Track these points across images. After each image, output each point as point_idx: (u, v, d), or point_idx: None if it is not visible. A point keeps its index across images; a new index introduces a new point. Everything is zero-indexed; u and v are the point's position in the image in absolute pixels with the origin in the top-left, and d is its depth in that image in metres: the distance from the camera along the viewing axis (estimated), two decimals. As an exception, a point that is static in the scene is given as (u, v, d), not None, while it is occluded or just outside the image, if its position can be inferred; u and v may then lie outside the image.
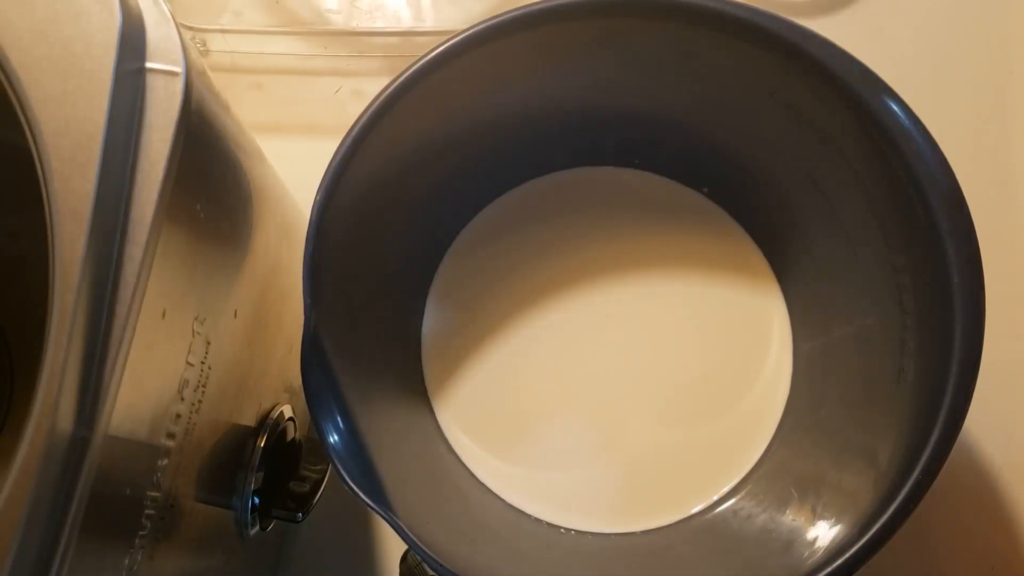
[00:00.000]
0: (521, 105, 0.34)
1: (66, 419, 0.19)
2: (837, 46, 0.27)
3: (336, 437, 0.27)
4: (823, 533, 0.27)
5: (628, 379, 0.36)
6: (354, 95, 0.29)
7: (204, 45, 0.46)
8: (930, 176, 0.26)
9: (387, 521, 0.26)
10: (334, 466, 0.27)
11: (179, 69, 0.22)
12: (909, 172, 0.26)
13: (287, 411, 0.34)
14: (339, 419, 0.28)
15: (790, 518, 0.30)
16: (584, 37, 0.30)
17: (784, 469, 0.34)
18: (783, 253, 0.36)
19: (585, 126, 0.36)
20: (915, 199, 0.26)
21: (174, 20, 0.22)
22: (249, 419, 0.32)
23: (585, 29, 0.30)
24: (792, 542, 0.29)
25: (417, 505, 0.29)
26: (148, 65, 0.22)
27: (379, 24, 0.48)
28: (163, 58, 0.22)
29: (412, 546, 0.26)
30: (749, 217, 0.37)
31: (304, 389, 0.27)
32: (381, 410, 0.32)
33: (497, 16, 0.28)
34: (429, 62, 0.28)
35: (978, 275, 0.25)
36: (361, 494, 0.26)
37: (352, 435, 0.28)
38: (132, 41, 0.21)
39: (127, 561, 0.23)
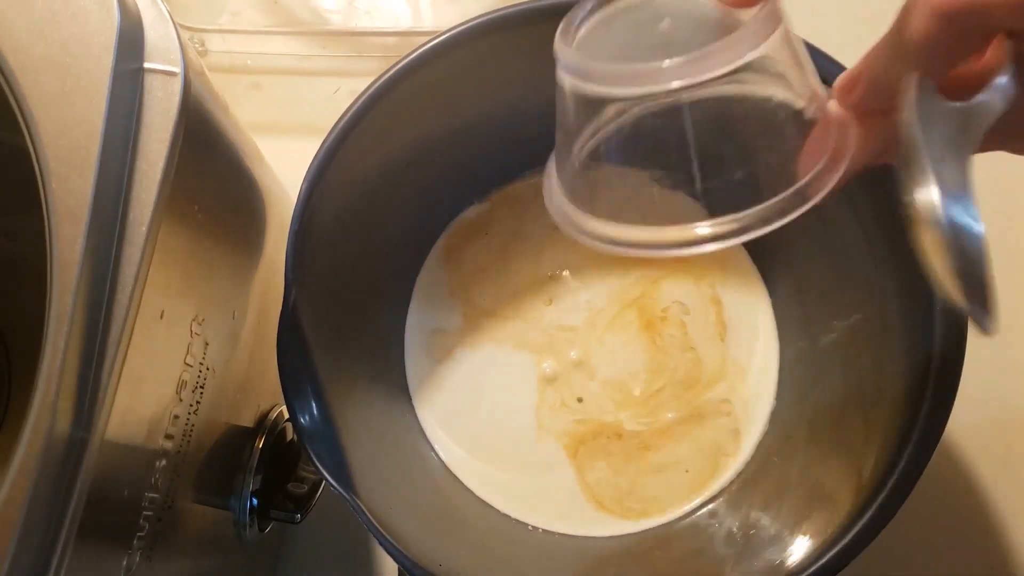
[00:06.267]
0: (516, 102, 0.34)
1: (64, 420, 0.19)
2: (836, 60, 0.27)
3: (307, 417, 0.28)
4: (796, 542, 0.28)
5: (610, 383, 0.36)
6: (353, 95, 0.29)
7: (202, 45, 0.45)
8: None
9: (349, 503, 0.26)
10: (301, 444, 0.27)
11: (177, 69, 0.22)
12: (900, 194, 0.26)
13: (286, 412, 0.34)
14: (311, 400, 0.28)
15: (765, 526, 0.30)
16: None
17: (762, 478, 0.34)
18: (774, 264, 0.36)
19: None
20: (904, 222, 0.26)
21: (172, 20, 0.22)
22: (248, 420, 0.32)
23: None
24: (766, 550, 0.29)
25: (386, 492, 0.29)
26: (146, 65, 0.22)
27: (378, 24, 0.48)
28: (161, 58, 0.22)
29: (371, 530, 0.26)
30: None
31: (278, 366, 0.28)
32: (359, 398, 0.32)
33: (493, 12, 0.29)
34: (421, 55, 0.29)
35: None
36: (326, 474, 0.26)
37: (324, 417, 0.28)
38: (130, 41, 0.21)
39: (125, 562, 0.22)
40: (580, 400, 0.36)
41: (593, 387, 0.36)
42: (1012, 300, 0.41)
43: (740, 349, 0.36)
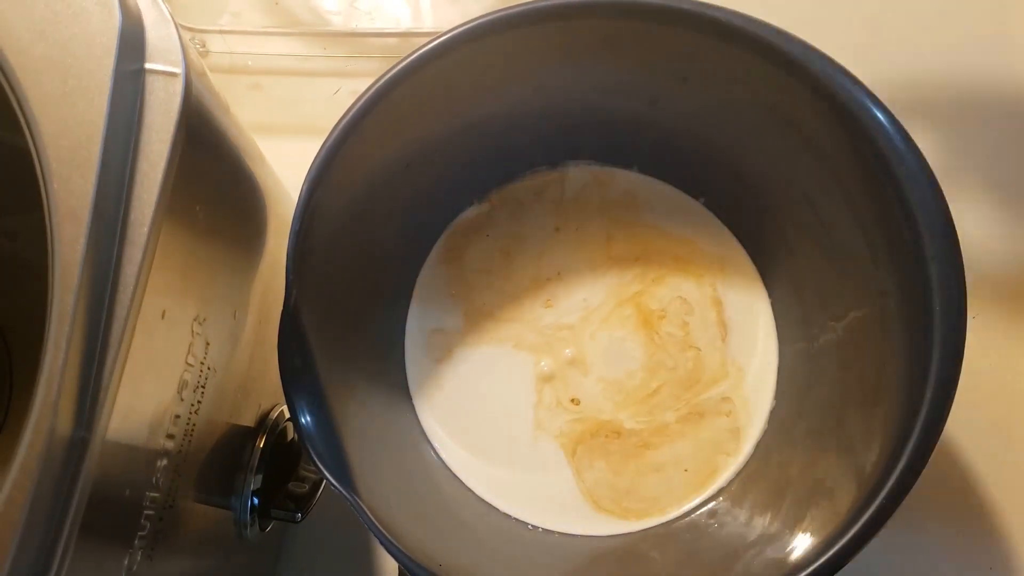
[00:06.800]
0: (517, 103, 0.34)
1: (65, 420, 0.19)
2: (837, 63, 0.27)
3: (308, 417, 0.28)
4: (796, 541, 0.28)
5: (608, 381, 0.36)
6: (353, 96, 0.29)
7: (203, 46, 0.46)
8: (920, 200, 0.26)
9: (350, 503, 0.26)
10: (302, 443, 0.27)
11: (178, 70, 0.22)
12: (900, 195, 0.26)
13: (287, 412, 0.34)
14: (312, 399, 0.28)
15: (764, 525, 0.30)
16: (583, 38, 0.30)
17: (761, 477, 0.34)
18: (772, 264, 0.37)
19: (579, 126, 0.36)
20: (904, 223, 0.27)
21: (173, 21, 0.22)
22: (248, 420, 0.32)
23: (583, 30, 0.30)
24: (765, 550, 0.29)
25: (386, 491, 0.29)
26: (147, 66, 0.22)
27: (378, 25, 0.48)
28: (162, 59, 0.22)
29: (372, 529, 0.26)
30: (741, 226, 0.37)
31: (279, 365, 0.27)
32: (360, 398, 0.33)
33: (493, 12, 0.29)
34: (422, 56, 0.29)
35: (961, 304, 0.25)
36: (327, 473, 0.26)
37: (325, 416, 0.28)
38: (131, 42, 0.21)
39: (126, 561, 0.23)
40: (576, 400, 0.36)
41: (589, 386, 0.36)
42: (1012, 301, 0.41)
43: (740, 348, 0.36)
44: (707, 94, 0.32)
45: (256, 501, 0.31)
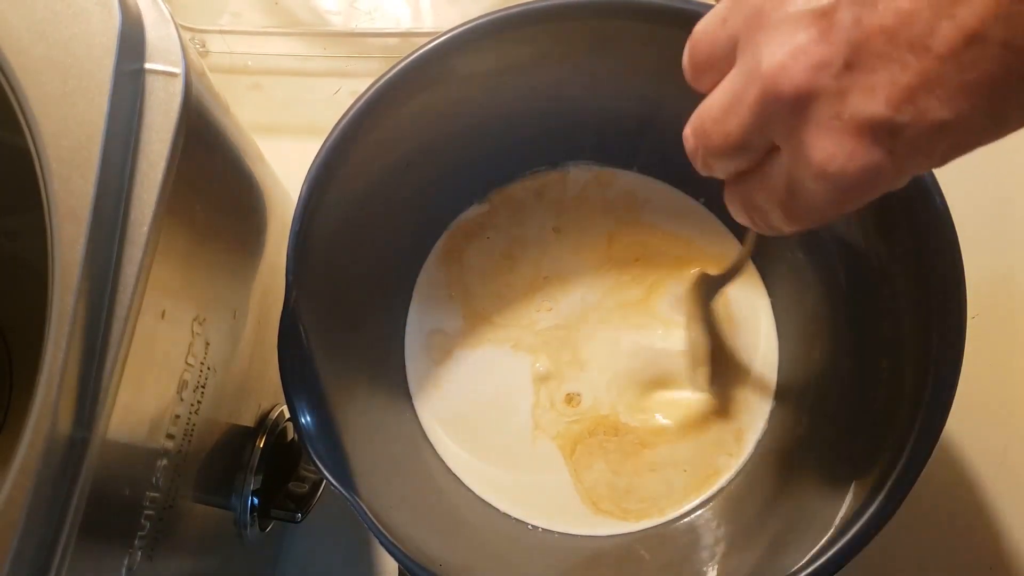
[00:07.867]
0: (517, 103, 0.34)
1: (65, 420, 0.19)
2: None
3: (308, 417, 0.28)
4: (796, 542, 0.28)
5: (605, 380, 0.36)
6: (353, 96, 0.29)
7: (203, 46, 0.46)
8: (919, 200, 0.26)
9: (350, 503, 0.26)
10: (302, 443, 0.27)
11: (178, 70, 0.22)
12: (900, 195, 0.26)
13: (287, 412, 0.34)
14: (312, 399, 0.28)
15: (764, 526, 0.30)
16: (583, 38, 0.30)
17: (761, 478, 0.34)
18: (772, 264, 0.37)
19: (579, 127, 0.36)
20: (904, 223, 0.27)
21: (173, 21, 0.22)
22: (248, 420, 0.32)
23: (583, 30, 0.30)
24: (765, 550, 0.29)
25: (386, 491, 0.29)
26: (147, 66, 0.22)
27: (378, 25, 0.48)
28: (162, 59, 0.22)
29: (372, 529, 0.26)
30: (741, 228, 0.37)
31: (279, 365, 0.28)
32: (360, 398, 0.33)
33: (493, 13, 0.29)
34: (422, 56, 0.29)
35: (961, 304, 0.26)
36: (327, 473, 0.26)
37: (325, 417, 0.28)
38: (131, 42, 0.21)
39: (127, 561, 0.23)
40: (574, 401, 0.36)
41: (587, 385, 0.36)
42: (1011, 301, 0.41)
43: (740, 349, 0.36)
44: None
45: (256, 501, 0.31)
